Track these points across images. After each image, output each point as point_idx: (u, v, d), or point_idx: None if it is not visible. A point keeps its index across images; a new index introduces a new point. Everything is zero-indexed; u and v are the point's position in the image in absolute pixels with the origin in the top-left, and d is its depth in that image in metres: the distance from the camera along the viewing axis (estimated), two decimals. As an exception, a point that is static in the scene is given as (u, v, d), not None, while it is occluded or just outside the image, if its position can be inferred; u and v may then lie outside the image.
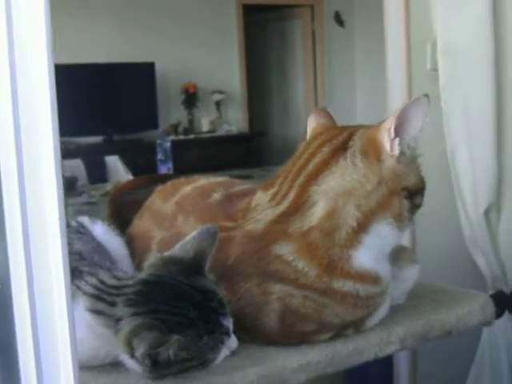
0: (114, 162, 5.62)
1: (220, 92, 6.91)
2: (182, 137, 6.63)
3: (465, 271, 2.72)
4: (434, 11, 2.46)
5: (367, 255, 1.14)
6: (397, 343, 1.22)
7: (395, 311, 1.28)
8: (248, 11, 7.20)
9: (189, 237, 1.13)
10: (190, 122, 6.88)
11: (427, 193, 2.62)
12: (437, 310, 1.31)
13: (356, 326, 1.20)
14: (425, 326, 1.26)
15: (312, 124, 1.29)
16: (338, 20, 7.22)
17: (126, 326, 1.02)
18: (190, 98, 6.81)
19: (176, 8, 6.67)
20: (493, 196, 2.43)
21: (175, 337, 0.99)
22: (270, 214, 1.17)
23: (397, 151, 1.15)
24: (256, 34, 7.58)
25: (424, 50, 2.62)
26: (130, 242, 1.39)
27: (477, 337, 2.60)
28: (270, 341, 1.17)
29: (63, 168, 2.16)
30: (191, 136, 6.73)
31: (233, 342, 1.12)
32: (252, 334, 1.17)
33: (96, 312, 1.05)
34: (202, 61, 6.78)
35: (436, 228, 2.67)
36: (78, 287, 1.09)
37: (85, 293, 1.08)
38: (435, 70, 2.53)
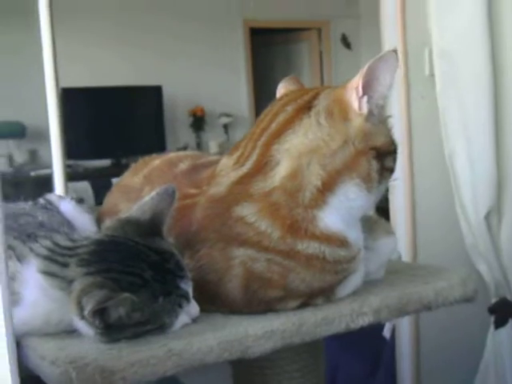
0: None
1: (227, 115, 6.91)
2: (189, 159, 6.58)
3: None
4: (430, 16, 2.44)
5: (333, 216, 1.09)
6: (370, 315, 1.16)
7: (370, 284, 1.23)
8: (255, 34, 7.21)
9: (147, 197, 1.10)
10: (198, 145, 6.87)
11: (426, 201, 2.60)
12: (414, 283, 1.26)
13: (326, 295, 1.14)
14: (401, 299, 1.20)
15: (281, 91, 1.25)
16: (345, 42, 7.23)
17: (78, 286, 0.98)
18: (198, 122, 6.83)
19: (183, 32, 6.69)
20: (493, 200, 2.38)
21: (126, 294, 0.95)
22: (233, 176, 1.12)
23: (365, 109, 1.10)
24: (263, 56, 7.58)
25: (422, 55, 2.60)
26: (99, 220, 1.35)
27: (481, 346, 2.54)
28: (234, 309, 1.12)
29: (70, 189, 2.13)
30: (199, 159, 6.68)
31: (193, 308, 1.07)
32: (216, 302, 1.12)
33: (48, 274, 1.01)
34: (209, 84, 6.78)
35: (437, 236, 2.63)
36: (32, 249, 1.05)
37: (38, 254, 1.04)
38: (433, 75, 2.51)
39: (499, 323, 2.55)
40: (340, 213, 1.10)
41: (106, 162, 6.39)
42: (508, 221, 2.44)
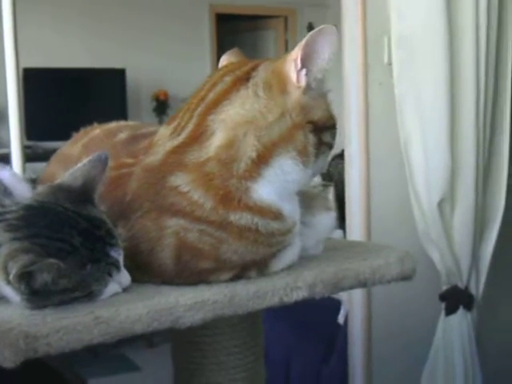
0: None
1: (191, 100, 6.86)
2: (151, 143, 6.54)
3: (418, 266, 2.69)
4: (390, 4, 2.44)
5: (268, 189, 1.08)
6: (305, 289, 1.16)
7: (307, 259, 1.23)
8: (221, 20, 7.18)
9: (79, 164, 1.08)
10: (161, 129, 6.81)
11: (380, 186, 2.61)
12: (351, 260, 1.26)
13: (259, 268, 1.14)
14: (337, 274, 1.20)
15: (223, 63, 1.24)
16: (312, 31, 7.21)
17: (4, 251, 0.96)
18: (161, 106, 6.77)
19: (149, 14, 6.63)
20: (446, 188, 2.40)
21: (52, 260, 0.93)
22: (169, 145, 1.11)
23: (303, 82, 1.10)
24: (228, 43, 7.52)
25: (381, 43, 2.61)
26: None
27: (432, 332, 2.56)
28: (166, 279, 1.11)
29: (29, 170, 2.09)
30: (160, 143, 6.64)
31: (124, 277, 1.07)
32: (148, 272, 1.11)
33: None
34: (173, 68, 6.73)
35: (389, 222, 2.64)
36: (-41, 215, 1.03)
37: (-35, 219, 1.02)
38: (391, 63, 2.52)
39: (450, 310, 2.57)
40: (274, 185, 1.09)
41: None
42: (461, 209, 2.46)
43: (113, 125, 1.35)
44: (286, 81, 1.10)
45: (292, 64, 1.10)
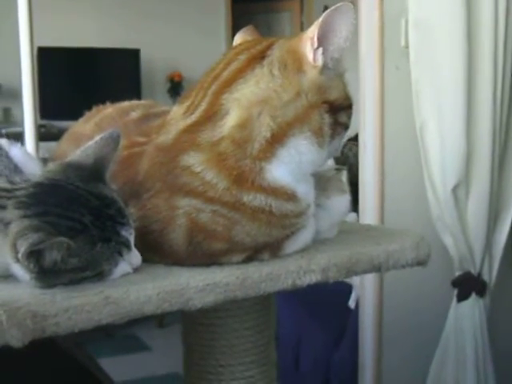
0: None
1: (205, 82, 6.84)
2: (165, 125, 6.53)
3: (432, 251, 2.67)
4: (407, -14, 2.41)
5: (282, 169, 1.06)
6: (318, 272, 1.14)
7: (321, 242, 1.21)
8: (236, 2, 7.13)
9: (91, 142, 1.06)
10: (175, 110, 6.80)
11: (395, 171, 2.58)
12: (365, 243, 1.24)
13: (272, 250, 1.12)
14: (351, 258, 1.18)
15: (237, 41, 1.22)
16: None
17: (14, 228, 0.95)
18: (175, 87, 6.75)
19: (164, -4, 6.61)
20: (461, 173, 2.37)
21: (61, 238, 0.92)
22: (182, 124, 1.09)
23: (320, 62, 1.07)
24: (244, 25, 7.47)
25: (398, 26, 2.57)
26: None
27: (443, 318, 2.54)
28: (177, 260, 1.09)
29: (43, 150, 2.09)
30: (174, 124, 6.63)
31: (135, 257, 1.05)
32: (159, 252, 1.10)
33: None
34: (188, 50, 6.70)
35: (403, 207, 2.62)
36: (-31, 191, 1.02)
37: (-25, 196, 1.00)
38: (408, 46, 2.49)
39: (462, 296, 2.55)
40: (289, 166, 1.07)
41: (80, 124, 6.30)
42: (475, 194, 2.43)
43: (125, 103, 1.34)
44: (302, 60, 1.08)
45: (308, 42, 1.07)
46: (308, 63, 1.08)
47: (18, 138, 2.77)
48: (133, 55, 6.49)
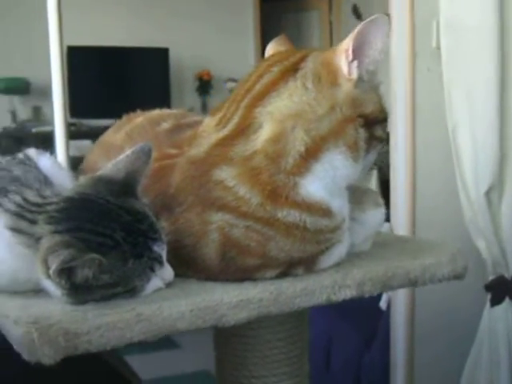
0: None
1: (234, 80, 6.80)
2: (194, 123, 6.52)
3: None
4: (439, -13, 2.38)
5: (316, 184, 1.04)
6: (353, 287, 1.12)
7: (355, 256, 1.19)
8: (265, 1, 7.11)
9: (122, 155, 1.05)
10: (203, 108, 6.80)
11: (426, 174, 2.55)
12: (401, 257, 1.22)
13: (306, 265, 1.10)
14: (386, 272, 1.16)
15: (269, 52, 1.21)
16: (356, 13, 7.09)
17: (45, 244, 0.94)
18: (204, 85, 6.75)
19: (193, -5, 6.61)
20: (494, 176, 2.33)
21: (93, 255, 0.91)
22: (214, 137, 1.08)
23: (355, 74, 1.05)
24: (272, 24, 7.47)
25: (430, 27, 2.54)
26: (79, 177, 1.31)
27: (475, 319, 2.51)
28: (210, 275, 1.08)
29: (73, 148, 2.10)
30: (203, 123, 6.62)
31: (167, 273, 1.04)
32: (191, 267, 1.08)
33: (16, 230, 0.98)
34: (217, 48, 6.70)
35: (436, 209, 2.59)
36: (0, 204, 1.01)
37: (6, 210, 1.00)
38: (440, 48, 2.46)
39: (495, 301, 2.51)
40: (323, 181, 1.05)
41: (110, 122, 6.26)
42: (509, 198, 2.40)
43: (156, 113, 1.32)
44: (336, 72, 1.06)
45: (343, 55, 1.05)
46: (343, 76, 1.06)
47: (48, 137, 2.78)
48: (162, 54, 6.50)
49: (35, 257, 0.94)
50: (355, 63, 1.05)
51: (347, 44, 1.05)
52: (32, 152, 1.30)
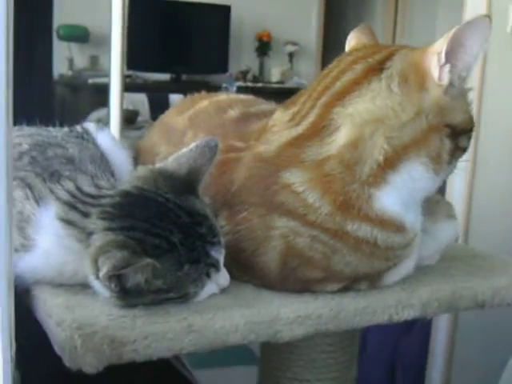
0: (177, 101, 5.50)
1: (294, 43, 6.71)
2: (250, 84, 6.44)
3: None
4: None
5: (392, 198, 0.96)
6: (418, 308, 1.04)
7: (422, 272, 1.10)
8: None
9: (185, 149, 0.98)
10: (261, 70, 6.71)
11: (487, 176, 2.44)
12: (470, 277, 1.13)
13: (371, 281, 1.02)
14: (454, 293, 1.07)
15: (351, 42, 1.11)
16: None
17: (97, 241, 0.87)
18: (263, 47, 6.65)
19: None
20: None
21: (148, 260, 0.84)
22: (286, 135, 0.99)
23: (446, 80, 0.96)
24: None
25: (506, 12, 2.42)
26: (136, 157, 1.24)
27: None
28: (268, 283, 1.00)
29: (127, 100, 2.05)
30: (259, 84, 6.54)
31: (223, 278, 0.97)
32: (248, 272, 1.01)
33: (67, 222, 0.91)
34: (279, 10, 6.57)
35: (493, 214, 2.47)
36: (52, 191, 0.94)
37: (57, 198, 0.93)
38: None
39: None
40: (400, 194, 0.96)
41: (165, 77, 6.27)
42: None
43: (223, 97, 1.24)
44: (425, 76, 0.96)
45: (435, 57, 0.96)
46: (432, 80, 0.96)
47: (103, 88, 2.73)
48: (223, 11, 6.40)
49: (85, 252, 0.88)
50: (447, 67, 0.95)
51: (440, 46, 0.95)
52: (91, 126, 1.24)
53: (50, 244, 0.91)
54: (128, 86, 3.96)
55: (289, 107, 1.03)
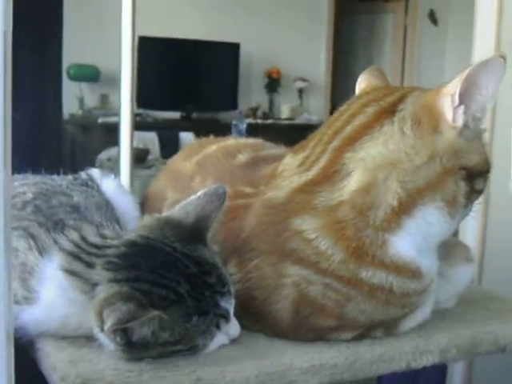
0: (188, 139, 5.49)
1: (303, 80, 6.72)
2: (259, 121, 6.45)
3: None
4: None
5: (407, 243, 0.93)
6: (436, 354, 1.01)
7: (439, 316, 1.07)
8: (339, 1, 6.97)
9: (193, 197, 0.95)
10: (270, 106, 6.72)
11: (499, 215, 2.39)
12: (490, 321, 1.10)
13: (386, 328, 0.99)
14: (473, 339, 1.04)
15: (361, 84, 1.09)
16: (432, 18, 6.88)
17: (101, 293, 0.84)
18: (273, 83, 6.67)
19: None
20: None
21: (154, 312, 0.81)
22: (296, 181, 0.97)
23: (460, 122, 0.93)
24: (345, 24, 7.33)
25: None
26: (143, 204, 1.22)
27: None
28: (280, 333, 0.97)
29: (137, 139, 2.04)
30: (269, 121, 6.55)
31: (234, 328, 0.93)
32: (260, 322, 0.98)
33: (71, 273, 0.88)
34: (288, 46, 6.61)
35: (507, 253, 2.42)
36: (56, 241, 0.92)
37: (62, 249, 0.90)
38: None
39: None
40: (415, 239, 0.93)
41: (175, 115, 6.28)
42: None
43: (231, 142, 1.21)
44: (438, 118, 0.94)
45: (448, 99, 0.93)
46: (446, 123, 0.93)
47: (114, 126, 2.72)
48: (233, 49, 6.42)
49: (89, 304, 0.85)
50: (461, 109, 0.93)
51: (454, 87, 0.93)
52: (96, 173, 1.22)
53: (54, 296, 0.88)
54: (138, 125, 3.97)
55: (298, 152, 1.01)
